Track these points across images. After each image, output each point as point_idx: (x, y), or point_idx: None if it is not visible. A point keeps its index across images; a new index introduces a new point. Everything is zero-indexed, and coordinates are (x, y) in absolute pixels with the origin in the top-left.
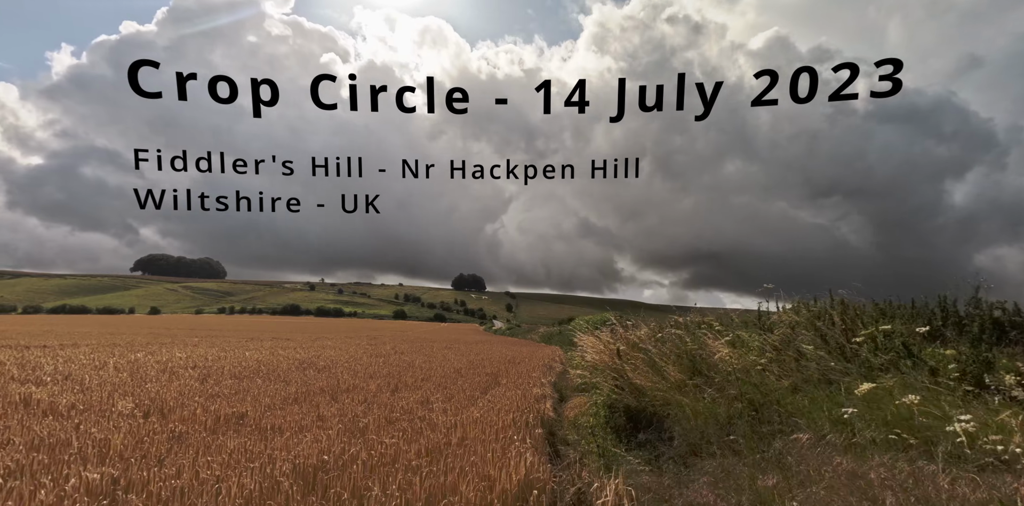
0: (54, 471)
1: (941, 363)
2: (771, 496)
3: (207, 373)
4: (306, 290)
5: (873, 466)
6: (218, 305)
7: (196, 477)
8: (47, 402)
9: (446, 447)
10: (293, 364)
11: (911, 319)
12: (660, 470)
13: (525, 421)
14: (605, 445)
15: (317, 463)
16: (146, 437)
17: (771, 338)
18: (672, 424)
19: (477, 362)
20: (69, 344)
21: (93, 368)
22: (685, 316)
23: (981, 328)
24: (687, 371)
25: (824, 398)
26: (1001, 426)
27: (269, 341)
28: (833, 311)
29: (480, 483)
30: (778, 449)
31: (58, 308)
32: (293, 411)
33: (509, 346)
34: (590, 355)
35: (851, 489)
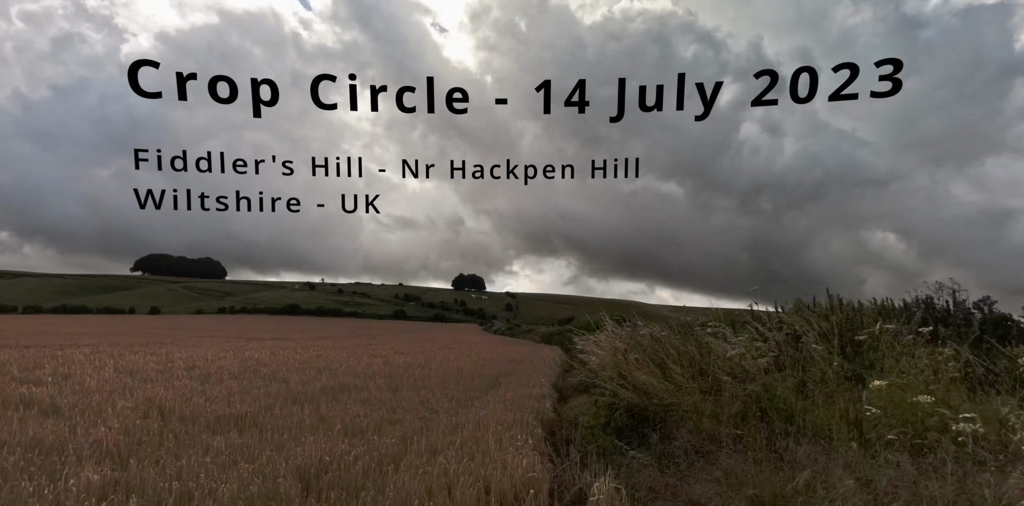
0: (53, 472)
1: (941, 363)
2: (777, 495)
3: (207, 373)
4: (306, 290)
5: (881, 464)
6: (218, 305)
7: (196, 478)
8: (47, 402)
9: (447, 447)
10: (293, 364)
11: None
12: (663, 469)
13: (526, 421)
14: (606, 444)
15: (318, 463)
16: (146, 438)
17: (777, 336)
18: (675, 423)
19: (477, 362)
20: (69, 344)
21: (93, 368)
22: (686, 316)
23: (982, 328)
24: (691, 370)
25: (828, 398)
26: (1004, 423)
27: (269, 341)
28: (833, 314)
29: (480, 483)
30: (785, 448)
31: (58, 308)
32: (293, 411)
33: (509, 346)
34: (592, 356)
35: (859, 488)
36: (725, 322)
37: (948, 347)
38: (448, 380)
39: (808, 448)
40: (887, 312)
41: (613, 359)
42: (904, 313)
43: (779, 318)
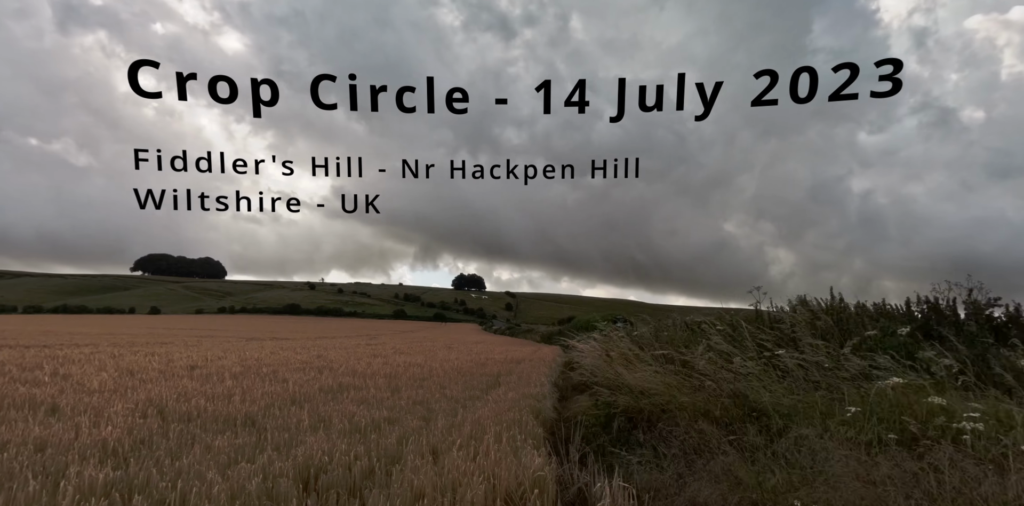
0: (55, 472)
1: (938, 364)
2: (773, 494)
3: (207, 373)
4: (306, 290)
5: (878, 463)
6: (218, 305)
7: (196, 478)
8: (48, 403)
9: (447, 447)
10: (293, 364)
11: (908, 320)
12: (661, 469)
13: (525, 421)
14: (605, 444)
15: (318, 463)
16: (146, 438)
17: (772, 336)
18: (673, 423)
19: (478, 362)
20: (69, 344)
21: (93, 368)
22: (686, 316)
23: (979, 328)
24: (687, 371)
25: (826, 396)
26: (1003, 421)
27: (269, 341)
28: (828, 315)
29: (480, 483)
30: (782, 447)
31: (58, 308)
32: (293, 411)
33: (509, 346)
34: (588, 359)
35: (856, 486)
36: (722, 322)
37: (949, 346)
38: (448, 380)
39: (806, 444)
40: (886, 313)
41: (604, 361)
42: (907, 313)
43: (778, 317)
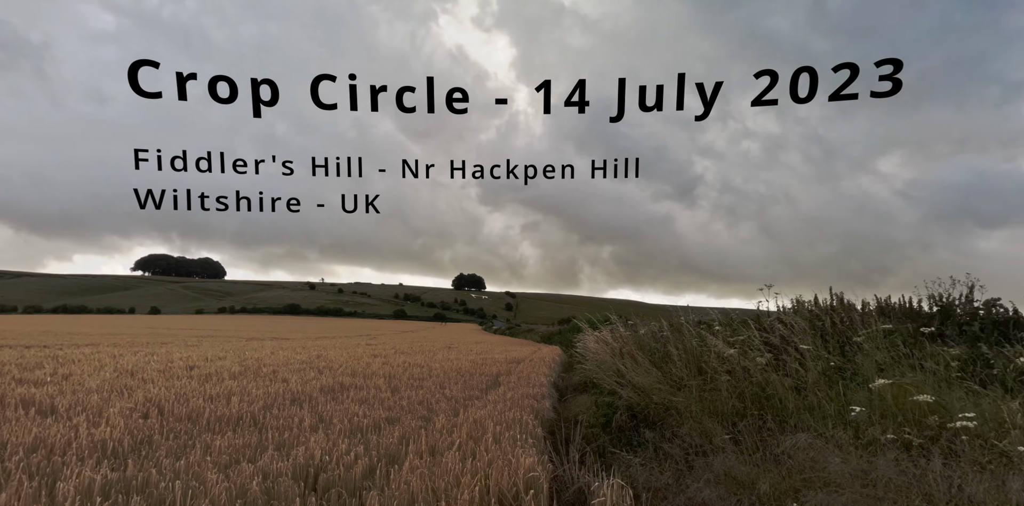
0: (55, 472)
1: (940, 363)
2: (773, 495)
3: (207, 373)
4: (306, 290)
5: (878, 465)
6: (218, 305)
7: (197, 478)
8: (47, 403)
9: (447, 447)
10: (293, 364)
11: (911, 319)
12: (661, 469)
13: (525, 420)
14: (605, 444)
15: (318, 463)
16: (146, 438)
17: (770, 338)
18: (674, 423)
19: (477, 362)
20: (69, 344)
21: (93, 368)
22: (686, 316)
23: (982, 328)
24: (689, 370)
25: (826, 397)
26: (1002, 421)
27: (269, 341)
28: (830, 313)
29: (479, 483)
30: (782, 448)
31: (58, 308)
32: (293, 411)
33: (509, 346)
34: (590, 356)
35: (856, 488)
36: (725, 322)
37: (948, 346)
38: (448, 380)
39: (805, 445)
40: (888, 312)
41: (611, 358)
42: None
43: (777, 317)
